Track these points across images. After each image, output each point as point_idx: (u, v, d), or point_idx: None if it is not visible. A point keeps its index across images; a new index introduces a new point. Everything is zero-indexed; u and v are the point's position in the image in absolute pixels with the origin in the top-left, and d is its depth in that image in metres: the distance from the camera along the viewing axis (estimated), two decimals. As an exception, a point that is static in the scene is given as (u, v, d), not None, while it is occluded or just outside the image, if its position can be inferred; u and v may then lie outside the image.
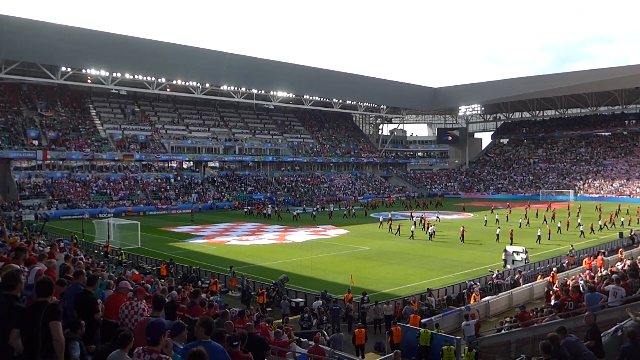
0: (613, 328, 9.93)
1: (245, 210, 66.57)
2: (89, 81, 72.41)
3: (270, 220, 57.78)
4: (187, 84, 77.02)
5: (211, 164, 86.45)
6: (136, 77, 72.17)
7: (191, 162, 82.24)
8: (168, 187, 73.36)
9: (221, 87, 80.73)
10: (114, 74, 70.25)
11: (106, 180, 69.68)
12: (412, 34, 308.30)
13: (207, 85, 78.73)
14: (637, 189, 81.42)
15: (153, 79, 73.52)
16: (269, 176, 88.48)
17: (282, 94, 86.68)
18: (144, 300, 7.28)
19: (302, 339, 14.42)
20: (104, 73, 69.48)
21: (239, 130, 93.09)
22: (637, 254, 30.52)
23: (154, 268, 29.12)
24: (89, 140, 71.64)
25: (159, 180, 74.50)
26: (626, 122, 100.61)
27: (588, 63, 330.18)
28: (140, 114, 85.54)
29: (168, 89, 79.13)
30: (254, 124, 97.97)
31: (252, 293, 23.75)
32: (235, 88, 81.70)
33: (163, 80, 74.65)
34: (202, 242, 42.46)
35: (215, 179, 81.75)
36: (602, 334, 9.37)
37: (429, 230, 43.31)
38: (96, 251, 36.75)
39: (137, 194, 69.15)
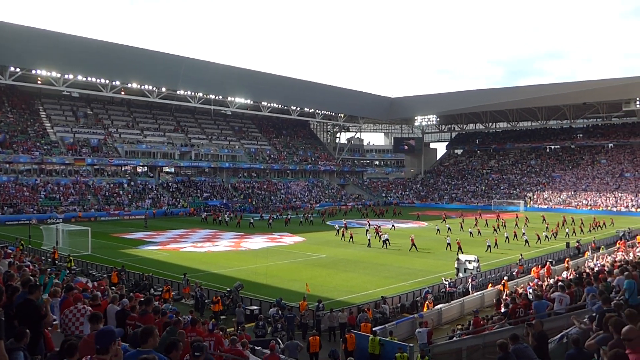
0: (559, 335, 10.25)
1: (202, 216, 65.63)
2: (39, 82, 70.14)
3: (226, 227, 57.22)
4: (142, 87, 75.56)
5: (166, 169, 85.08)
6: (89, 79, 70.32)
7: (145, 167, 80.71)
8: (121, 193, 71.70)
9: (178, 92, 79.66)
10: (66, 76, 68.24)
11: (55, 184, 67.55)
12: (370, 44, 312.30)
13: (164, 89, 77.45)
14: (583, 201, 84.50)
15: (107, 81, 71.84)
16: (226, 182, 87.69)
17: (239, 100, 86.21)
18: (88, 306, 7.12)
19: (256, 347, 14.30)
20: (55, 74, 67.38)
21: (195, 135, 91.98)
22: (583, 263, 31.69)
23: (105, 275, 28.34)
24: (38, 143, 69.39)
25: (112, 185, 72.73)
26: (574, 136, 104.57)
27: (539, 78, 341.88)
28: (93, 117, 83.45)
29: (122, 92, 77.58)
30: (211, 129, 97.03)
31: (206, 301, 23.44)
32: (192, 93, 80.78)
33: (117, 83, 73.06)
34: (156, 248, 41.61)
35: (170, 184, 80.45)
36: (548, 341, 9.66)
37: (382, 239, 43.73)
38: (43, 258, 35.49)
39: (88, 199, 67.27)
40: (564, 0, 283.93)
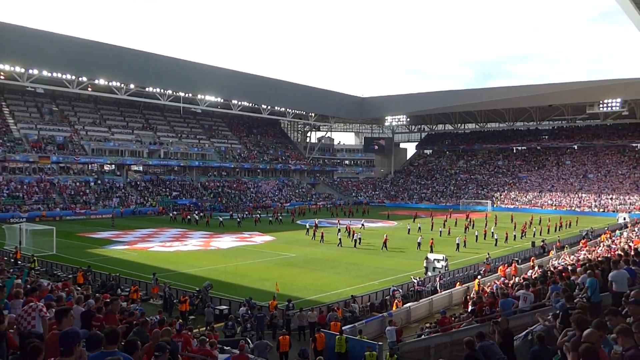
0: (524, 332, 10.46)
1: (171, 215, 64.81)
2: (1, 77, 68.29)
3: (195, 226, 56.72)
4: (110, 84, 74.07)
5: (134, 167, 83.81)
6: (55, 74, 68.51)
7: (113, 165, 79.34)
8: (87, 191, 70.32)
9: (146, 89, 78.38)
10: (30, 71, 66.24)
11: (19, 182, 65.84)
12: (341, 44, 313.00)
13: (132, 86, 76.13)
14: (548, 201, 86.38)
15: (73, 77, 70.15)
16: (195, 181, 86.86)
17: (210, 98, 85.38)
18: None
19: (225, 347, 14.20)
20: (19, 69, 65.36)
21: (164, 133, 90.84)
22: (547, 261, 32.40)
23: (70, 276, 27.76)
24: (1, 140, 67.53)
25: (78, 184, 71.25)
26: (540, 137, 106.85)
27: (507, 80, 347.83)
28: (58, 113, 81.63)
29: (89, 89, 75.90)
30: (181, 127, 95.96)
31: (175, 301, 23.19)
32: (162, 90, 79.64)
33: (84, 79, 71.41)
34: (123, 248, 40.96)
35: (138, 183, 79.28)
36: (514, 338, 9.85)
37: (355, 238, 43.99)
38: (6, 258, 34.57)
39: (53, 197, 65.77)
40: (533, 5, 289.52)
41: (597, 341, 5.02)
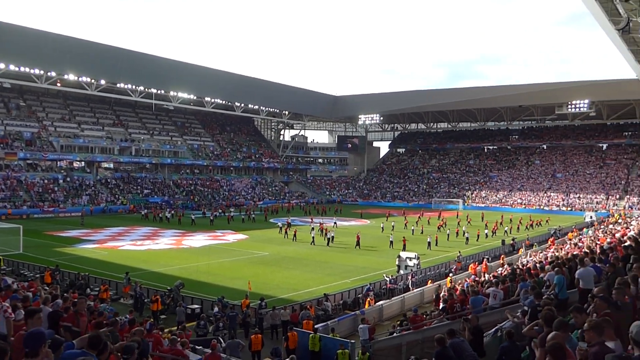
0: (493, 329, 10.62)
1: (142, 213, 63.92)
2: (-33, 71, 66.43)
3: (167, 225, 56.12)
4: (80, 79, 72.61)
5: (105, 164, 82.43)
6: (22, 69, 66.90)
7: (83, 163, 77.88)
8: (56, 189, 68.90)
9: (118, 85, 77.13)
10: (-3, 65, 64.76)
11: (-16, 179, 64.21)
12: (316, 42, 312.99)
13: (102, 82, 74.78)
14: (518, 200, 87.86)
15: (42, 72, 68.63)
16: (167, 179, 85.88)
17: (182, 95, 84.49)
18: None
19: (197, 347, 14.09)
20: (-16, 63, 63.83)
21: (136, 130, 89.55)
22: (517, 259, 32.96)
23: (37, 275, 27.17)
24: (-34, 136, 65.77)
25: (46, 181, 69.73)
26: (510, 137, 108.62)
27: (479, 81, 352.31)
28: (26, 109, 79.70)
29: (58, 84, 74.38)
30: (153, 124, 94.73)
31: (146, 300, 22.90)
32: (133, 86, 78.45)
33: (53, 74, 69.92)
34: (93, 247, 40.25)
35: (109, 180, 78.01)
36: (484, 335, 9.99)
37: (328, 236, 44.07)
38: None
39: (20, 195, 64.22)
40: (503, 7, 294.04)
41: (563, 341, 5.11)
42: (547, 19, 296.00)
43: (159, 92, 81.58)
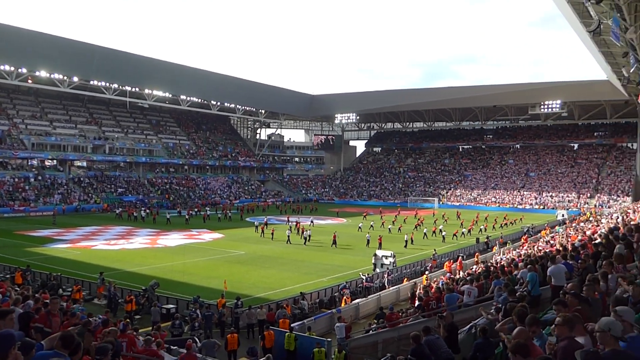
0: (468, 326, 10.74)
1: (117, 212, 63.00)
2: None
3: (142, 224, 55.48)
4: (52, 76, 71.24)
5: (78, 163, 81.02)
6: (-8, 65, 65.50)
7: (55, 161, 76.44)
8: (27, 187, 67.49)
9: (91, 82, 75.90)
10: (-35, 61, 63.16)
11: (-48, 178, 62.62)
12: (292, 41, 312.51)
13: (75, 79, 73.45)
14: (492, 199, 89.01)
15: (12, 68, 67.11)
16: (142, 178, 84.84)
17: (157, 92, 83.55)
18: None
19: (172, 347, 13.97)
20: (-48, 59, 62.18)
21: (109, 128, 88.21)
22: (491, 257, 33.43)
23: (8, 275, 26.60)
24: None
25: (16, 180, 68.23)
26: (485, 137, 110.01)
27: (454, 81, 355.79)
28: (-4, 106, 77.98)
29: (30, 81, 72.76)
30: (127, 122, 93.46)
31: (120, 300, 22.61)
32: (107, 84, 77.28)
33: (24, 70, 68.41)
34: (65, 246, 39.57)
35: (82, 179, 76.74)
36: (458, 332, 10.09)
37: (304, 235, 44.06)
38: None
39: (-11, 193, 62.86)
40: (478, 8, 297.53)
41: (528, 337, 5.19)
42: (521, 20, 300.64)
43: (133, 89, 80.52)
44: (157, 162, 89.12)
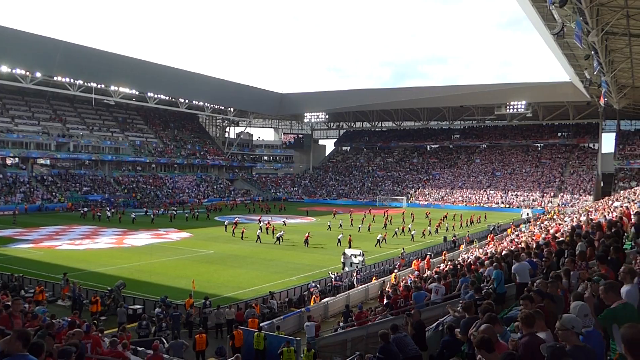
0: (435, 323, 10.87)
1: (81, 212, 61.66)
2: None
3: (108, 223, 54.49)
4: (13, 71, 69.18)
5: (41, 161, 79.11)
6: (-50, 60, 63.32)
7: (16, 159, 74.45)
8: (-13, 186, 65.60)
9: (55, 78, 74.05)
10: None
11: None
12: (261, 39, 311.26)
13: (38, 74, 71.55)
14: (459, 198, 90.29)
15: (-29, 63, 65.13)
16: (108, 176, 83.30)
17: (124, 89, 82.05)
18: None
19: (139, 348, 13.77)
20: None
21: (74, 125, 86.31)
22: (458, 255, 33.90)
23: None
24: None
25: (-24, 178, 66.28)
26: (452, 136, 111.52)
27: (422, 81, 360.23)
28: (-46, 102, 75.51)
29: (-10, 76, 70.73)
30: (92, 119, 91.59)
31: (85, 301, 22.17)
32: (71, 80, 75.52)
33: (-17, 65, 66.47)
34: (27, 247, 38.60)
35: (45, 177, 74.93)
36: (425, 329, 10.20)
37: (277, 235, 43.85)
38: None
39: (-53, 192, 60.84)
40: (447, 9, 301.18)
41: (493, 333, 5.29)
42: (489, 22, 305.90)
43: (99, 86, 78.91)
44: (123, 160, 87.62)
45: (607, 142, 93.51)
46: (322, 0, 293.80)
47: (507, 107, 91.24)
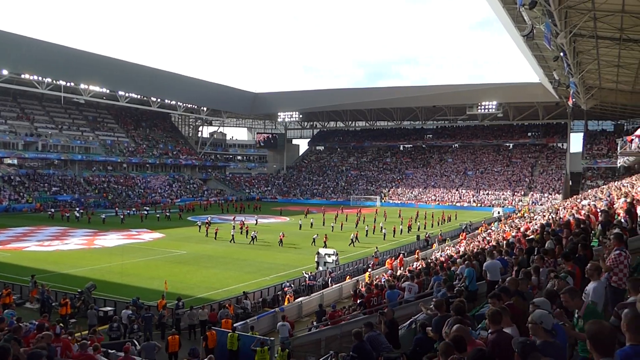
0: (408, 321, 10.96)
1: (50, 212, 60.41)
2: None
3: (77, 224, 53.53)
4: (-22, 69, 67.57)
5: (8, 160, 77.22)
6: None
7: (-18, 158, 72.59)
8: (-48, 186, 63.81)
9: (22, 76, 72.35)
10: None
11: None
12: (235, 38, 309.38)
13: (5, 72, 69.74)
14: (432, 197, 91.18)
15: None
16: (78, 176, 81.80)
17: (94, 88, 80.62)
18: None
19: (110, 351, 13.56)
20: None
21: (43, 124, 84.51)
22: (431, 254, 34.23)
23: None
24: None
25: (-60, 178, 64.40)
26: (425, 136, 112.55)
27: (396, 81, 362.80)
28: None
29: (-46, 73, 68.77)
30: (62, 118, 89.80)
31: (54, 304, 21.74)
32: (40, 78, 73.92)
33: (-52, 62, 64.60)
34: (-6, 248, 37.71)
35: (12, 177, 73.20)
36: (399, 327, 10.28)
37: (251, 235, 43.68)
38: None
39: None
40: (421, 10, 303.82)
41: (465, 331, 5.39)
42: (462, 23, 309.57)
43: (68, 84, 77.40)
44: (94, 159, 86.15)
45: (575, 142, 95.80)
46: (296, 0, 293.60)
47: (479, 107, 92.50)
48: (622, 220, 11.54)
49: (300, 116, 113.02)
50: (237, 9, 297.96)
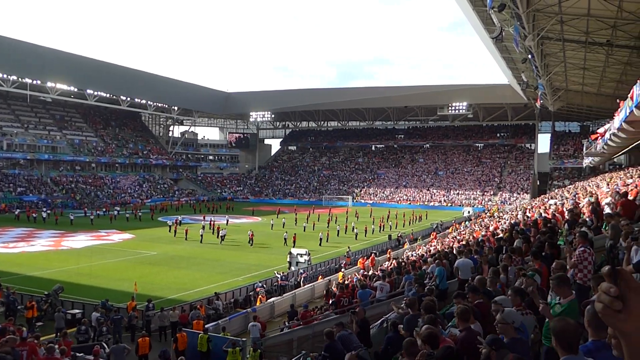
0: (379, 320, 11.04)
1: (15, 213, 58.96)
2: None
3: (44, 225, 52.38)
4: (-60, 66, 65.58)
5: (-29, 160, 75.21)
6: None
7: (-56, 158, 70.45)
8: None
9: (-14, 74, 70.55)
10: None
11: None
12: (207, 37, 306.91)
13: (-32, 69, 68.11)
14: (404, 197, 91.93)
15: None
16: (44, 176, 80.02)
17: (61, 86, 78.95)
18: None
19: (78, 354, 13.32)
20: None
21: (7, 123, 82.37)
22: (402, 253, 34.51)
23: None
24: None
25: None
26: (397, 136, 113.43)
27: (368, 81, 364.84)
28: None
29: None
30: (28, 117, 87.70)
31: (19, 307, 21.23)
32: (4, 75, 72.08)
33: None
34: (-43, 250, 36.64)
35: (-25, 177, 71.24)
36: (370, 326, 10.34)
37: (220, 234, 43.43)
38: None
39: None
40: (393, 11, 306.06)
41: (437, 329, 5.49)
42: (433, 24, 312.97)
43: (34, 82, 75.66)
44: (61, 159, 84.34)
45: (543, 143, 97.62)
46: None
47: (449, 108, 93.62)
48: (587, 219, 11.83)
49: (273, 116, 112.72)
50: (208, 7, 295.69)
